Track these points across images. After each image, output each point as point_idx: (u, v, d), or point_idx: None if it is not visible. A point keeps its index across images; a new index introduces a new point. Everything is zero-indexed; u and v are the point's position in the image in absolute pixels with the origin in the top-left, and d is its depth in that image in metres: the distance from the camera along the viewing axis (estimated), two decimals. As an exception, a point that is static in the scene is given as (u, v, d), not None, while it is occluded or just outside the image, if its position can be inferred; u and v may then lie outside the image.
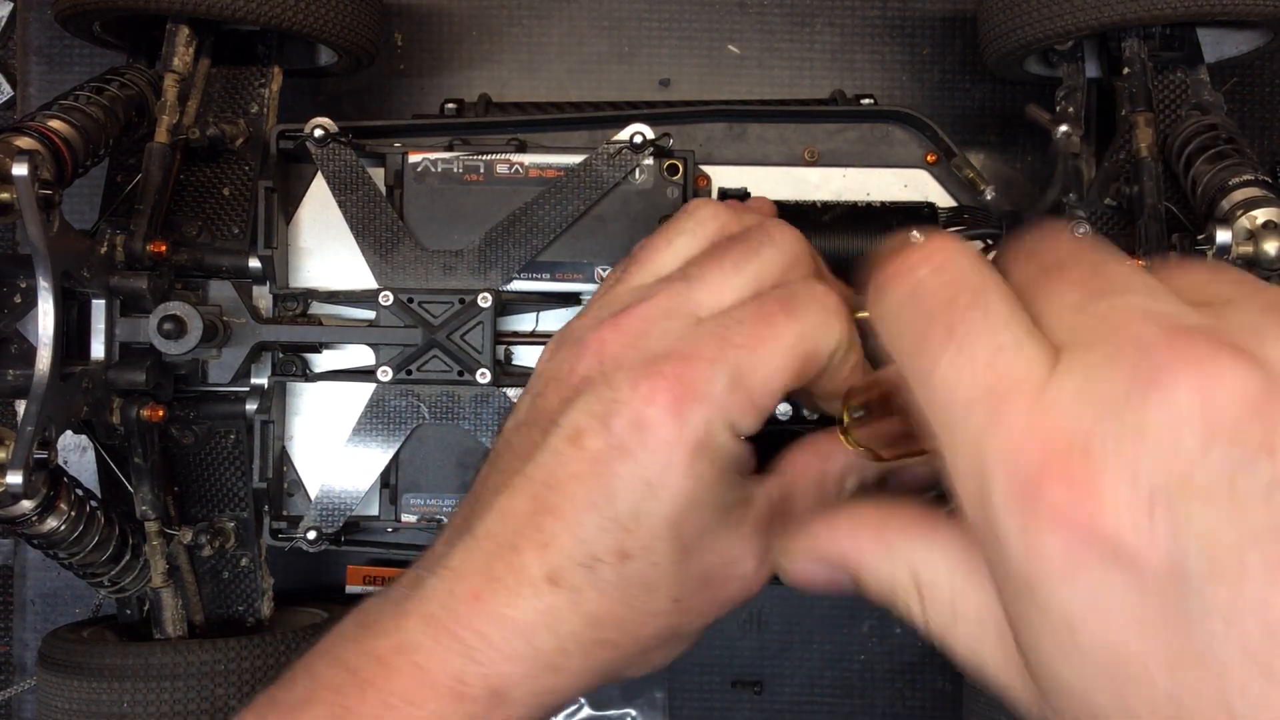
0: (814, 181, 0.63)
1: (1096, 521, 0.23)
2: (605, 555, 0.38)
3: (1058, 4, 0.61)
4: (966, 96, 0.78)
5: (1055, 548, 0.23)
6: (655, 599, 0.39)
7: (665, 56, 0.79)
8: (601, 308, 0.42)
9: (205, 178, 0.64)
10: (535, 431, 0.40)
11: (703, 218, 0.44)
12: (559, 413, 0.39)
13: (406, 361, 0.59)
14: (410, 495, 0.60)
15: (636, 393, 0.38)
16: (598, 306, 0.43)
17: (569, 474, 0.38)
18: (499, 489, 0.39)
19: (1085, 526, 0.23)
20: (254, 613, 0.65)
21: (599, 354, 0.40)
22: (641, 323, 0.40)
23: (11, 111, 0.81)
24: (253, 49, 0.67)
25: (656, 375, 0.38)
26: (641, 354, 0.39)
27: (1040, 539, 0.24)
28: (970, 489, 0.26)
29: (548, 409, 0.40)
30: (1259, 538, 0.21)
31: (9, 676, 0.78)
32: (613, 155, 0.59)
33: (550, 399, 0.40)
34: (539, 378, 0.42)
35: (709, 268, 0.41)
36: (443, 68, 0.79)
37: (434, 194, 0.60)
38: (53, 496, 0.55)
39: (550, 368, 0.42)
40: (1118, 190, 0.62)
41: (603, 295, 0.43)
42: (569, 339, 0.42)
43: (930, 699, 0.76)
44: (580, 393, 0.39)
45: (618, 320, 0.40)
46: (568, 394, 0.39)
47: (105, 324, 0.58)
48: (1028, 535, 0.24)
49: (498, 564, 0.38)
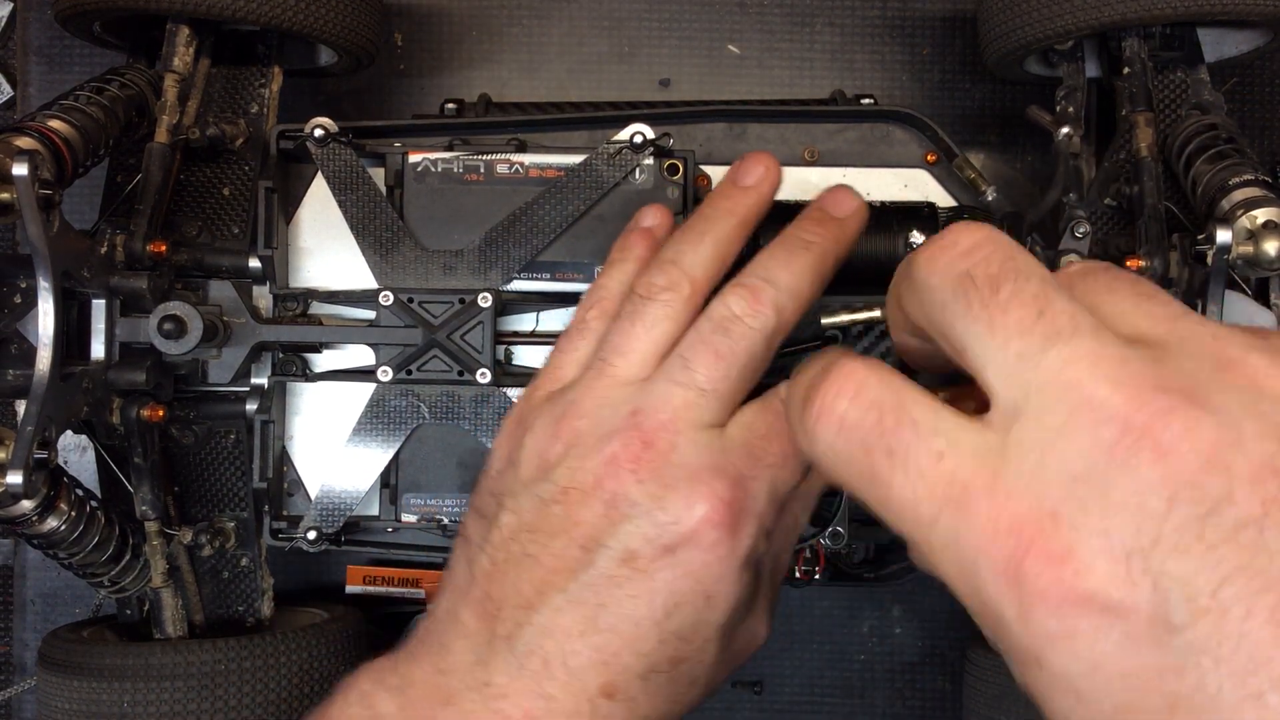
0: (814, 181, 0.63)
1: (1080, 586, 0.24)
2: (663, 665, 0.40)
3: (1058, 4, 0.61)
4: (966, 96, 0.78)
5: (1050, 620, 0.24)
6: (697, 689, 0.42)
7: (665, 56, 0.79)
8: (605, 404, 0.42)
9: (205, 178, 0.64)
10: (572, 548, 0.40)
11: (670, 281, 0.44)
12: (602, 531, 0.40)
13: (407, 361, 0.59)
14: (410, 495, 0.60)
15: (693, 514, 0.40)
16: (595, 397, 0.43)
17: (626, 594, 0.39)
18: (535, 604, 0.40)
19: (1072, 593, 0.24)
20: (254, 613, 0.65)
21: (634, 470, 0.40)
22: (670, 435, 0.41)
23: (11, 111, 0.81)
24: (253, 49, 0.67)
25: (712, 497, 0.40)
26: (682, 471, 0.40)
27: (1035, 616, 0.25)
28: (963, 588, 0.27)
29: (580, 523, 0.40)
30: (1232, 577, 0.22)
31: (9, 676, 0.78)
32: (613, 155, 0.59)
33: (580, 512, 0.41)
34: (544, 472, 0.42)
35: (702, 357, 0.42)
36: (443, 68, 0.79)
37: (434, 194, 0.60)
38: (53, 496, 0.55)
39: (565, 473, 0.41)
40: (1118, 190, 0.62)
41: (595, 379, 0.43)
42: (581, 440, 0.42)
43: (930, 699, 0.76)
44: (623, 513, 0.40)
45: (642, 429, 0.41)
46: (603, 510, 0.40)
47: (105, 324, 0.58)
48: (1024, 615, 0.25)
49: (549, 684, 0.39)
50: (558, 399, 0.44)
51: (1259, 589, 0.22)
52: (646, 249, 0.48)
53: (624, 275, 0.47)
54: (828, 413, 0.30)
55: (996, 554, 0.25)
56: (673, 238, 0.46)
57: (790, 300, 0.43)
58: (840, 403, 0.29)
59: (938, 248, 0.29)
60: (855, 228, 0.47)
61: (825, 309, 0.52)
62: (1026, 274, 0.28)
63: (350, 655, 0.63)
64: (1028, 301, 0.27)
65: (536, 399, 0.45)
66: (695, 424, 0.41)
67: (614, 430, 0.41)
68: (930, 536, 0.27)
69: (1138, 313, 0.28)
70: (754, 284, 0.43)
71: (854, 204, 0.47)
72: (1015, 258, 0.28)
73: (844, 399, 0.29)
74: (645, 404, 0.41)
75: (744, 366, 0.42)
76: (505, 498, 0.43)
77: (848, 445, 0.29)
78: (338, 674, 0.62)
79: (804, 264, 0.44)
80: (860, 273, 0.57)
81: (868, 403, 0.29)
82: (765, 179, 0.48)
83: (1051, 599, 0.24)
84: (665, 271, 0.44)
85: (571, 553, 0.40)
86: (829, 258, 0.45)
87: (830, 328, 0.52)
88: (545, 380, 0.46)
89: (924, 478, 0.27)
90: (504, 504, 0.42)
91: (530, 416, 0.44)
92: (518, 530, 0.41)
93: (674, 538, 0.40)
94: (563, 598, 0.40)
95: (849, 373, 0.30)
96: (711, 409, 0.42)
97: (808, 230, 0.45)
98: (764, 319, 0.42)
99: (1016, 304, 0.27)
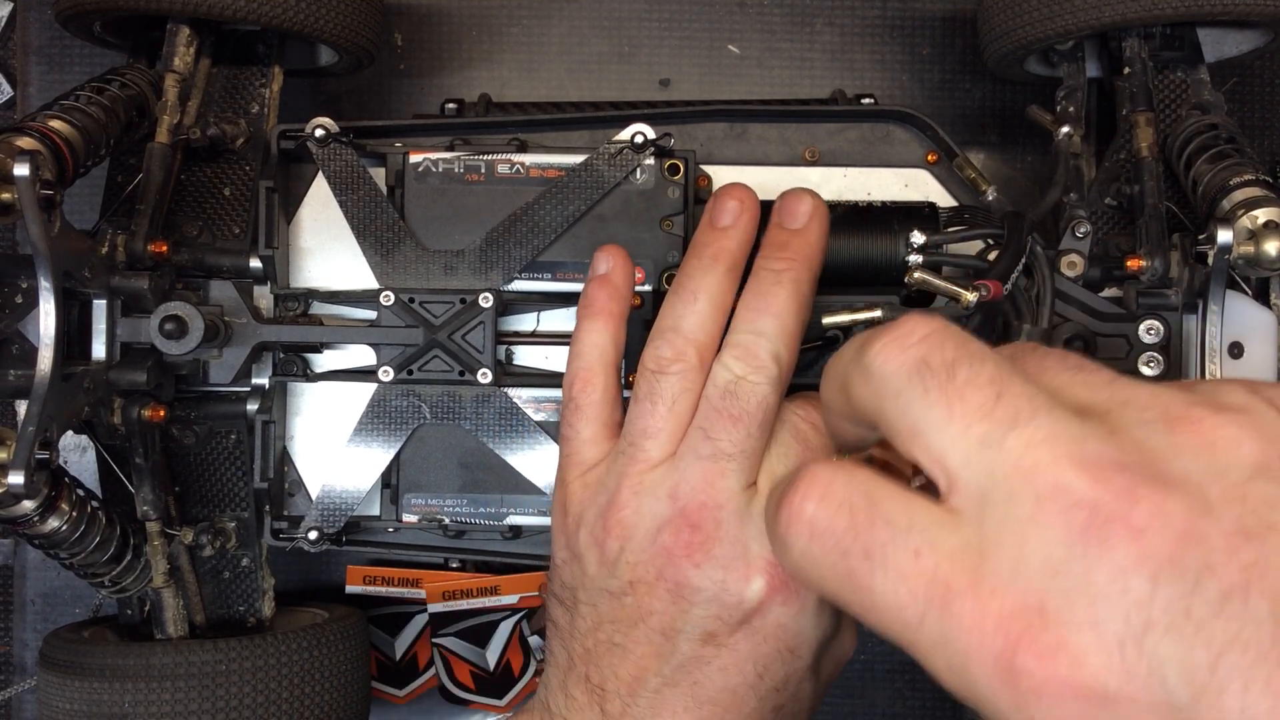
0: (814, 181, 0.63)
1: (1077, 677, 0.24)
2: (767, 717, 0.43)
3: (1058, 4, 0.61)
4: (966, 96, 0.78)
5: (1049, 714, 0.25)
6: (802, 717, 0.44)
7: (665, 56, 0.79)
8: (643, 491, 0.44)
9: (206, 178, 0.64)
10: (653, 636, 0.43)
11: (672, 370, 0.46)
12: (675, 618, 0.42)
13: (408, 361, 0.59)
14: (411, 495, 0.60)
15: (754, 589, 0.42)
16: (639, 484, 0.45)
17: (716, 669, 0.42)
18: (635, 689, 0.42)
19: (1068, 685, 0.24)
20: (255, 613, 0.65)
21: (689, 556, 0.43)
22: (713, 512, 0.43)
23: (11, 111, 0.81)
24: (253, 49, 0.67)
25: (767, 568, 0.42)
26: (733, 548, 0.42)
27: (1033, 710, 0.25)
28: (956, 684, 0.27)
29: (653, 612, 0.43)
30: (1225, 650, 0.23)
31: (9, 676, 0.78)
32: (614, 155, 0.59)
33: (650, 602, 0.43)
34: (607, 568, 0.44)
35: (720, 425, 0.43)
36: (443, 68, 0.79)
37: (435, 194, 0.60)
38: (54, 497, 0.55)
39: (626, 569, 0.44)
40: (1118, 190, 0.62)
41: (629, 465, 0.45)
42: (632, 534, 0.44)
43: (930, 699, 0.76)
44: (690, 600, 0.42)
45: (687, 514, 0.43)
46: (670, 599, 0.43)
47: (106, 324, 0.58)
48: (1020, 709, 0.25)
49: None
50: (597, 489, 0.46)
51: (1253, 660, 0.22)
52: (608, 298, 0.49)
53: (595, 338, 0.48)
54: (796, 518, 0.29)
55: (987, 652, 0.25)
56: (667, 300, 0.47)
57: (783, 344, 0.44)
58: (808, 506, 0.29)
59: (891, 337, 0.29)
60: (818, 230, 0.48)
61: (826, 309, 0.52)
62: (981, 357, 0.28)
63: (350, 655, 0.63)
64: (984, 385, 0.27)
65: (574, 488, 0.47)
66: (731, 493, 0.43)
67: (661, 520, 0.43)
68: (918, 638, 0.27)
69: (1075, 384, 0.28)
70: (745, 341, 0.44)
71: (808, 206, 0.48)
72: (969, 343, 0.28)
73: (810, 502, 0.29)
74: (681, 485, 0.43)
75: (761, 422, 0.43)
76: (579, 590, 0.45)
77: (822, 550, 0.29)
78: (338, 674, 0.62)
79: (783, 301, 0.45)
80: (861, 273, 0.57)
81: (836, 503, 0.29)
82: (742, 213, 0.49)
83: (1048, 693, 0.24)
84: (670, 342, 0.45)
85: (654, 640, 0.42)
86: (802, 282, 0.46)
87: (831, 328, 0.52)
88: (569, 466, 0.48)
89: (905, 579, 0.27)
90: (579, 597, 0.45)
91: (575, 506, 0.46)
92: (599, 621, 0.44)
93: (744, 614, 0.42)
94: (659, 680, 0.42)
95: (813, 475, 0.29)
96: (742, 471, 0.43)
97: (773, 260, 0.46)
98: (767, 372, 0.43)
99: (973, 388, 0.27)
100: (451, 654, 0.76)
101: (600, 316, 0.49)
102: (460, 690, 0.76)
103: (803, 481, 0.29)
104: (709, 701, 0.42)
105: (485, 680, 0.76)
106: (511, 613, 0.76)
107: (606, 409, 0.48)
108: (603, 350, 0.48)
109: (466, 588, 0.73)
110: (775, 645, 0.42)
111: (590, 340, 0.48)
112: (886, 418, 0.29)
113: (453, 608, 0.74)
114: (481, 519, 0.61)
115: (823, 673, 0.45)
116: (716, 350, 0.45)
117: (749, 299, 0.45)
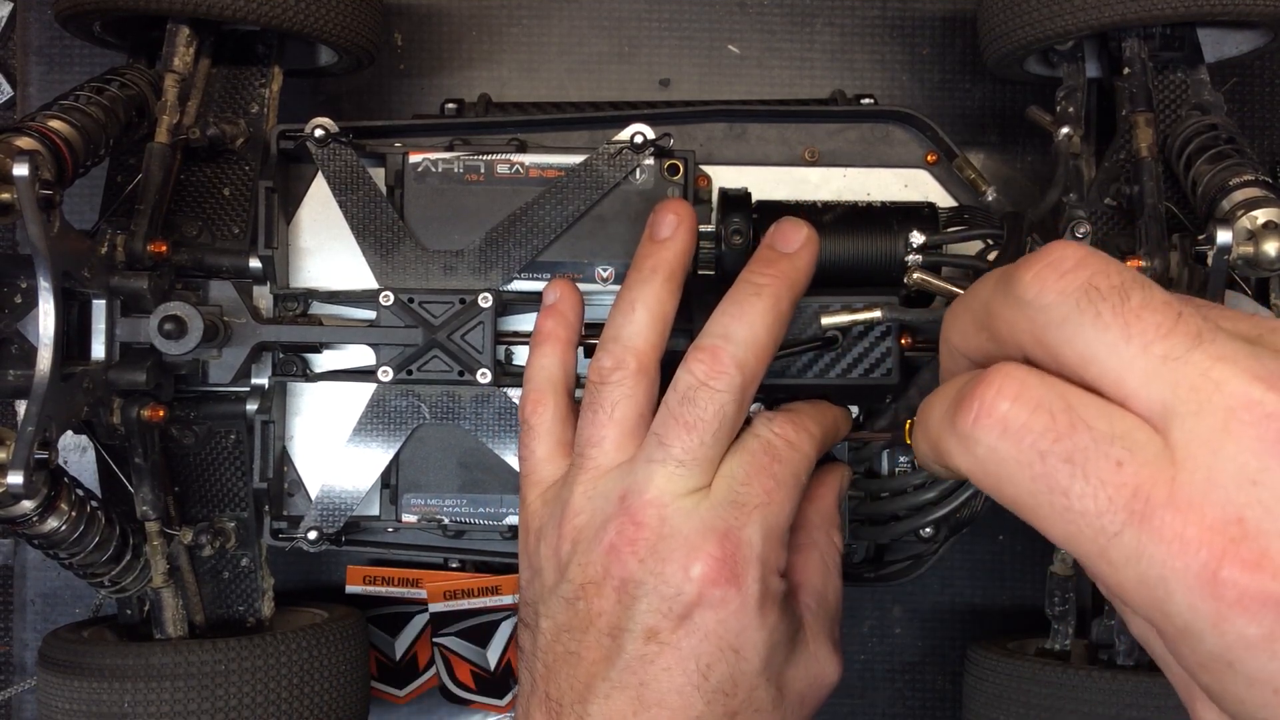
0: (814, 181, 0.63)
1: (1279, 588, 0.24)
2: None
3: (1058, 4, 0.61)
4: (966, 96, 0.78)
5: (1250, 626, 0.24)
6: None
7: (665, 56, 0.79)
8: (595, 495, 0.45)
9: (205, 178, 0.64)
10: (602, 638, 0.43)
11: (621, 378, 0.47)
12: (621, 616, 0.43)
13: (407, 361, 0.59)
14: (411, 495, 0.60)
15: (691, 579, 0.42)
16: (590, 494, 0.46)
17: (660, 669, 0.42)
18: (586, 697, 0.43)
19: (1273, 598, 0.24)
20: (254, 613, 0.65)
21: (633, 551, 0.43)
22: (657, 509, 0.43)
23: (11, 111, 0.81)
24: (253, 49, 0.67)
25: (705, 558, 0.42)
26: (674, 541, 0.43)
27: (1235, 623, 0.25)
28: (1143, 599, 0.26)
29: (602, 613, 0.43)
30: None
31: (9, 676, 0.78)
32: (613, 155, 0.59)
33: (598, 603, 0.44)
34: (561, 573, 0.45)
35: (674, 432, 0.44)
36: (443, 68, 0.79)
37: (434, 194, 0.60)
38: (53, 497, 0.55)
39: (577, 570, 0.45)
40: (1118, 190, 0.62)
41: (579, 473, 0.46)
42: (582, 535, 0.45)
43: (930, 699, 0.76)
44: (633, 595, 0.43)
45: (631, 511, 0.44)
46: (616, 597, 0.43)
47: (106, 324, 0.58)
48: (1220, 623, 0.25)
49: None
50: (554, 504, 0.47)
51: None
52: (555, 325, 0.51)
53: (544, 362, 0.51)
54: (988, 413, 0.28)
55: (1188, 566, 0.25)
56: (610, 313, 0.48)
57: (750, 352, 0.44)
58: (1002, 403, 0.28)
59: (1043, 265, 0.28)
60: (807, 259, 0.48)
61: (825, 309, 0.52)
62: (1149, 283, 0.28)
63: (350, 655, 0.63)
64: (1160, 307, 0.27)
65: (534, 506, 0.49)
66: (679, 494, 0.43)
67: (608, 518, 0.44)
68: (1109, 550, 0.26)
69: (1223, 317, 0.28)
70: (711, 345, 0.44)
71: (801, 235, 0.49)
72: (1128, 268, 0.28)
73: (1005, 399, 0.28)
74: (631, 486, 0.44)
75: (717, 430, 0.44)
76: (539, 604, 0.46)
77: (1015, 449, 0.27)
78: (338, 674, 0.62)
79: (757, 313, 0.45)
80: (860, 273, 0.57)
81: (1034, 403, 0.27)
82: (680, 226, 0.50)
83: (1252, 606, 0.24)
84: (609, 351, 0.47)
85: (603, 642, 0.43)
86: (782, 299, 0.46)
87: (830, 328, 0.52)
88: (529, 486, 0.49)
89: (1105, 487, 0.26)
90: (539, 611, 0.46)
91: (534, 522, 0.48)
92: (557, 632, 0.44)
93: (683, 606, 0.42)
94: (607, 685, 0.42)
95: (1007, 373, 0.28)
96: (692, 476, 0.44)
97: (757, 274, 0.47)
98: (728, 379, 0.44)
99: (1149, 310, 0.27)
100: (452, 653, 0.76)
101: (548, 342, 0.51)
102: (461, 690, 0.76)
103: (996, 377, 0.28)
104: (656, 704, 0.42)
105: (486, 680, 0.76)
106: (512, 613, 0.76)
107: (559, 428, 0.49)
108: (550, 373, 0.50)
109: (468, 587, 0.73)
110: (717, 643, 0.42)
111: (539, 364, 0.51)
112: (1051, 347, 0.28)
113: (454, 607, 0.74)
114: (481, 519, 0.61)
115: (792, 689, 0.45)
116: (659, 357, 0.47)
117: (724, 305, 0.46)
